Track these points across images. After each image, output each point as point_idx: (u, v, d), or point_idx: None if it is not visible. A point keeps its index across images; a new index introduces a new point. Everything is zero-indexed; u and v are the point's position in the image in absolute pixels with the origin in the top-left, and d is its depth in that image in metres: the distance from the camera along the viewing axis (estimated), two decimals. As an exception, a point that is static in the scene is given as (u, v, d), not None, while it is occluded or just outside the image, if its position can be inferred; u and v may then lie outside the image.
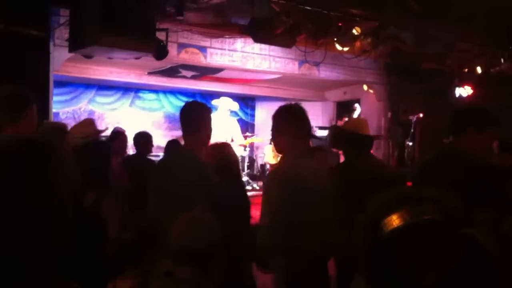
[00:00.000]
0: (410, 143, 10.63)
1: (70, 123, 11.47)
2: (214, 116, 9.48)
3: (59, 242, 1.33)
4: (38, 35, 6.78)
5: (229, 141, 9.33)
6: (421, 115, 10.50)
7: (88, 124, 5.06)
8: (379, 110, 11.85)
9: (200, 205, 3.01)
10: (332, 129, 10.35)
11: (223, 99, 10.07)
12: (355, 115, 10.95)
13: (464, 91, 10.75)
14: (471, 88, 10.70)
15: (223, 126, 9.61)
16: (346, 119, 10.98)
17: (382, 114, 11.85)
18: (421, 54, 9.09)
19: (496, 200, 3.02)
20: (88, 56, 7.22)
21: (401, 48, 9.01)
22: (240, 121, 12.80)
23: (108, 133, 6.49)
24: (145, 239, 3.47)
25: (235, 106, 10.17)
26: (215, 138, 9.19)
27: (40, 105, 6.63)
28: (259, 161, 13.11)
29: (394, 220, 1.53)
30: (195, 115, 3.57)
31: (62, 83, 10.89)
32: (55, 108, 9.52)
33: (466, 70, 10.07)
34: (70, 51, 6.56)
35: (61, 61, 7.86)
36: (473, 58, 9.69)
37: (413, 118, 10.54)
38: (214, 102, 10.27)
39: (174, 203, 3.19)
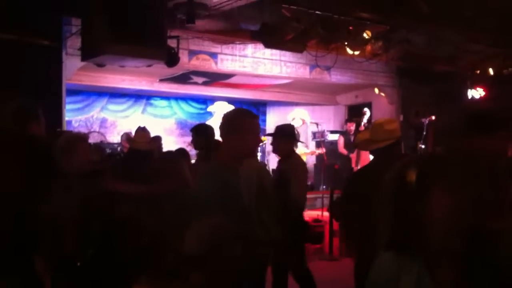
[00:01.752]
0: (423, 146, 10.57)
1: (83, 131, 11.58)
2: (211, 122, 9.48)
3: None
4: (51, 44, 6.85)
5: None
6: (433, 117, 10.45)
7: (148, 131, 5.18)
8: (391, 113, 11.80)
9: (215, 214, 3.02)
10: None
11: (218, 103, 9.97)
12: (365, 119, 10.92)
13: (476, 93, 10.69)
14: (483, 90, 10.64)
15: None
16: (354, 123, 10.97)
17: (394, 117, 11.80)
18: (432, 56, 9.07)
19: None
20: (100, 65, 7.28)
21: (413, 51, 9.00)
22: (252, 126, 12.80)
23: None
24: (161, 244, 3.48)
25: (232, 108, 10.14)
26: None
27: (53, 113, 6.73)
28: (271, 166, 13.03)
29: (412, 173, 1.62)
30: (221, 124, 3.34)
31: (74, 92, 10.96)
32: (67, 116, 9.59)
33: (478, 72, 10.03)
34: (83, 60, 6.62)
35: (74, 69, 7.92)
36: (485, 59, 9.64)
37: (425, 121, 10.48)
38: (211, 108, 10.24)
39: (191, 212, 3.22)
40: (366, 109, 11.02)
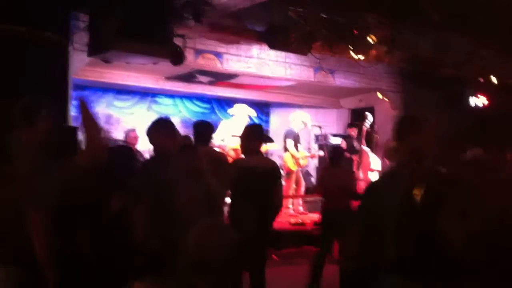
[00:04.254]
0: (425, 152, 10.60)
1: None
2: (231, 123, 9.50)
3: None
4: (58, 39, 6.91)
5: None
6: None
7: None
8: (394, 118, 11.82)
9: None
10: None
11: (240, 106, 10.00)
12: (367, 124, 10.95)
13: (479, 100, 10.71)
14: (487, 99, 10.65)
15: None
16: (356, 128, 10.99)
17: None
18: (438, 61, 9.09)
19: None
20: (107, 61, 7.34)
21: (418, 55, 9.03)
22: (255, 127, 12.84)
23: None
24: (170, 248, 3.50)
25: (252, 112, 10.13)
26: (234, 146, 9.20)
27: (58, 108, 6.79)
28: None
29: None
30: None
31: (80, 87, 10.99)
32: (73, 111, 9.65)
33: (481, 80, 10.06)
34: (89, 55, 6.70)
35: (80, 65, 7.98)
36: (491, 65, 9.65)
37: (428, 126, 10.50)
38: (231, 110, 10.27)
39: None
40: (367, 113, 11.04)
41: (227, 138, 9.40)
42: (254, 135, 5.61)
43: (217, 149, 7.66)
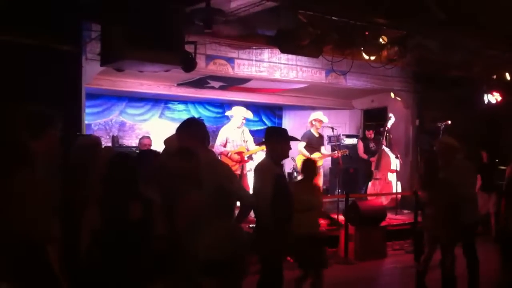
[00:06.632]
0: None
1: (102, 135, 11.68)
2: (229, 126, 9.47)
3: None
4: (71, 49, 6.98)
5: (245, 150, 9.26)
6: (449, 122, 10.45)
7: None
8: (407, 117, 11.83)
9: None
10: None
11: (237, 108, 9.94)
12: (389, 124, 10.94)
13: (492, 98, 10.65)
14: (500, 95, 10.60)
15: (240, 136, 9.38)
16: (379, 129, 10.96)
17: (409, 122, 11.83)
18: (448, 62, 9.06)
19: None
20: (119, 69, 7.38)
21: (428, 56, 9.00)
22: (268, 130, 12.83)
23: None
24: (177, 249, 3.51)
25: (249, 114, 10.06)
26: (232, 148, 9.15)
27: (72, 117, 6.86)
28: (285, 169, 13.01)
29: None
30: None
31: (94, 96, 11.10)
32: (87, 120, 9.72)
33: (494, 76, 10.02)
34: (102, 65, 6.74)
35: (93, 74, 8.05)
36: (501, 64, 9.62)
37: (441, 126, 10.48)
38: (228, 112, 10.25)
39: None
40: (391, 114, 11.04)
41: (231, 142, 9.26)
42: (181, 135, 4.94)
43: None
